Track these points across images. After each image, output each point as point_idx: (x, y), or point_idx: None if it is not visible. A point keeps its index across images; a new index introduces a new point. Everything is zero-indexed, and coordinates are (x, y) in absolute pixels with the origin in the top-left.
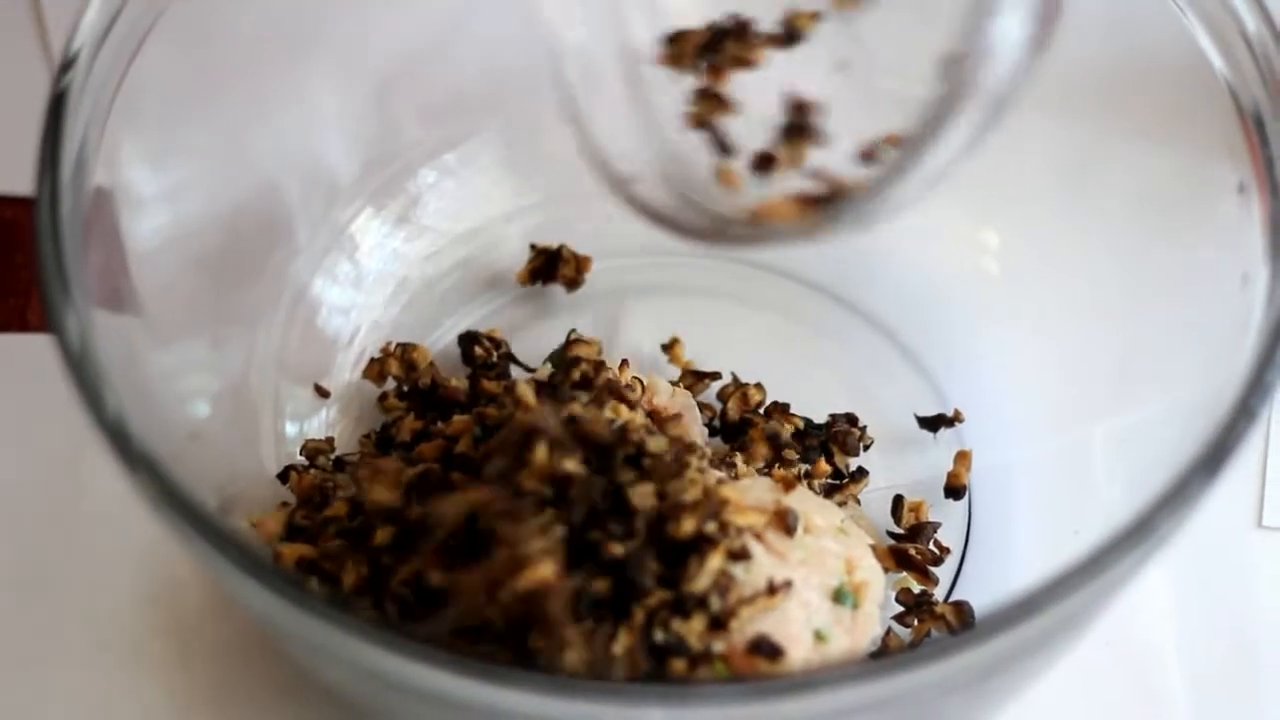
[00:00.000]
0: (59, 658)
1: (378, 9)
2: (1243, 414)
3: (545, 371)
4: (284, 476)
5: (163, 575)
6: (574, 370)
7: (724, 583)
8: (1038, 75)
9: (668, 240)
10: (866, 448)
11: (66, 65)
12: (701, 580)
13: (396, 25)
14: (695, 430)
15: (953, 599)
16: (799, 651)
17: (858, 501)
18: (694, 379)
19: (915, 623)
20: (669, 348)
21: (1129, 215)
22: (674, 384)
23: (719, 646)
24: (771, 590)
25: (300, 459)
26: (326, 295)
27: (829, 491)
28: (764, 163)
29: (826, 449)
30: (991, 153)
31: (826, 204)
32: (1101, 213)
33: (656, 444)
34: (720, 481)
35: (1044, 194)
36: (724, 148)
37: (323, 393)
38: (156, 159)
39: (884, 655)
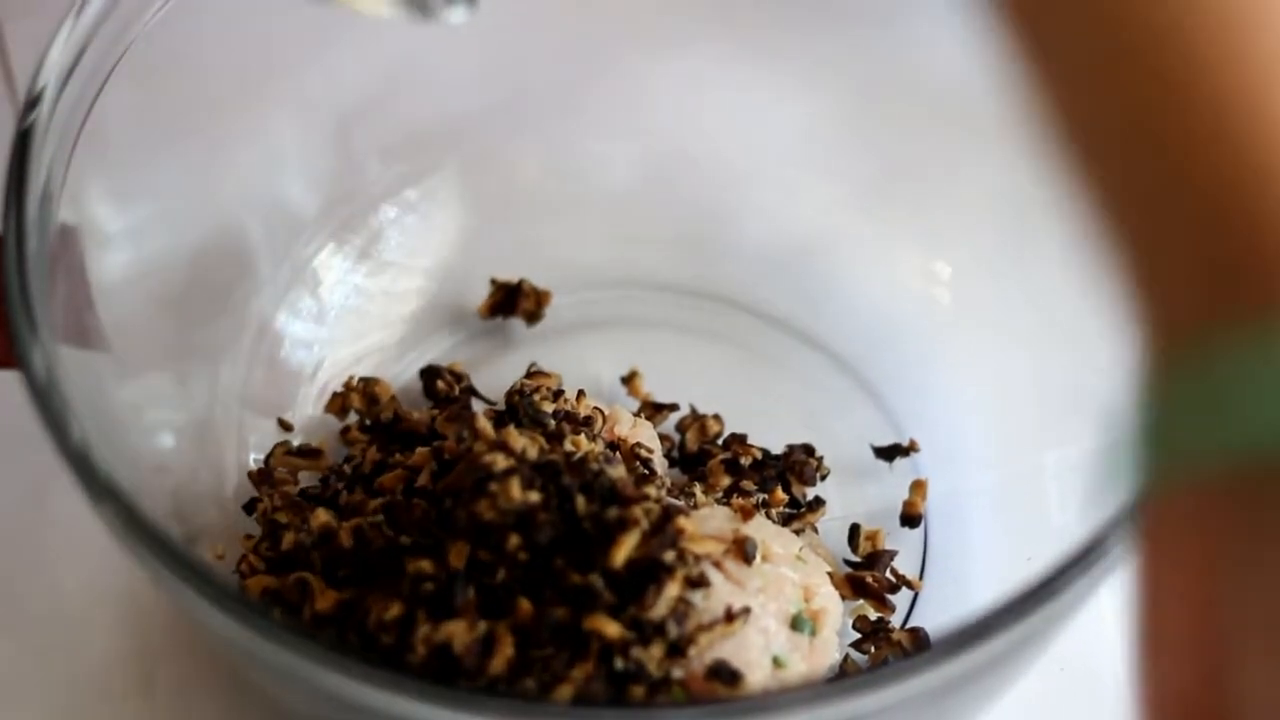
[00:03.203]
0: (24, 689)
1: (337, 49)
2: None
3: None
4: (249, 508)
5: (128, 606)
6: (533, 403)
7: (682, 610)
8: (990, 107)
9: (627, 274)
10: (823, 477)
11: (32, 103)
12: (660, 607)
13: (356, 65)
14: (655, 460)
15: (909, 626)
16: (757, 677)
17: (815, 530)
18: (653, 410)
19: (872, 649)
20: (628, 380)
21: (1078, 245)
22: (634, 415)
23: (678, 672)
24: (730, 617)
25: (265, 489)
26: (289, 330)
27: (787, 520)
28: None
29: (784, 479)
30: (942, 185)
31: None
32: (1051, 243)
33: (615, 473)
34: (679, 510)
35: (994, 225)
36: None
37: (286, 426)
38: (121, 196)
39: (841, 677)
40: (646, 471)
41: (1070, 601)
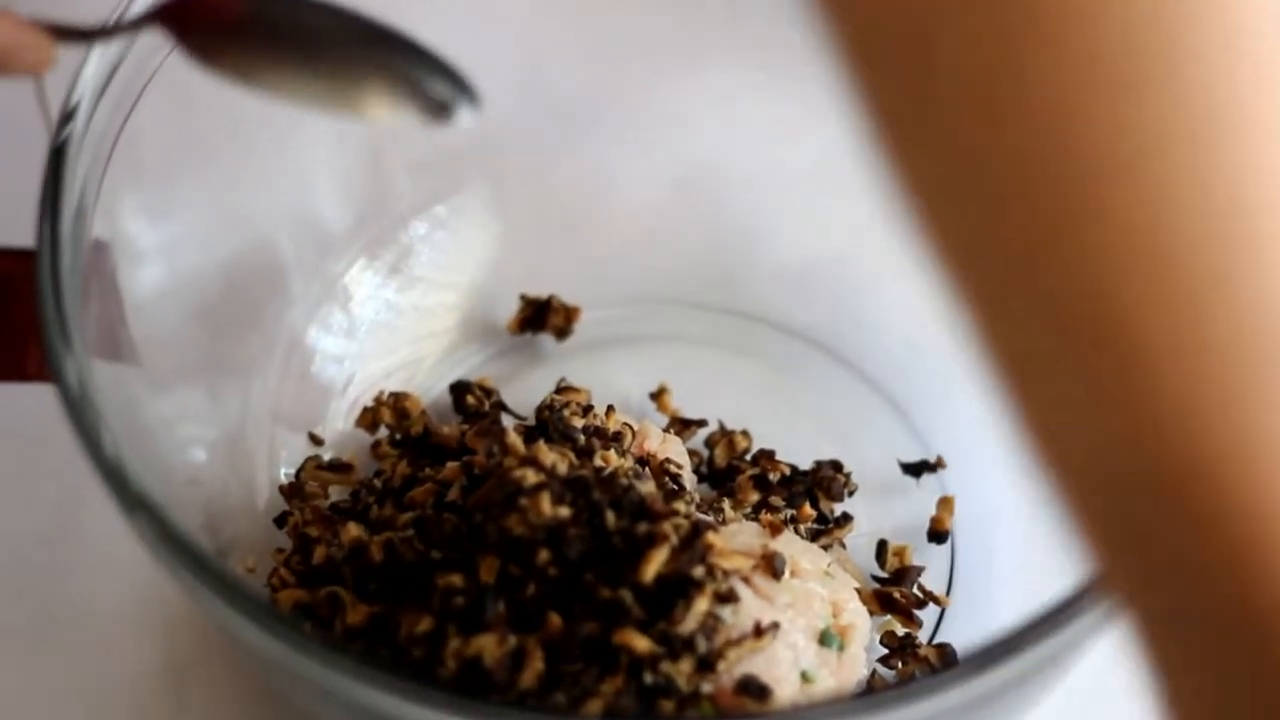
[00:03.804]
0: (56, 701)
1: None
2: None
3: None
4: (280, 521)
5: (159, 619)
6: (563, 418)
7: (711, 625)
8: None
9: (656, 290)
10: (851, 493)
11: (66, 118)
12: (689, 623)
13: None
14: (685, 475)
15: (936, 641)
16: (786, 692)
17: (843, 546)
18: (682, 426)
19: (899, 665)
20: (657, 395)
21: None
22: (663, 430)
23: (707, 687)
24: (758, 632)
25: (296, 503)
26: (320, 345)
27: (815, 536)
28: None
29: (812, 494)
30: None
31: None
32: None
33: (644, 488)
34: (708, 525)
35: None
36: None
37: (317, 440)
38: (154, 211)
39: (869, 693)
40: (676, 487)
41: (1097, 620)
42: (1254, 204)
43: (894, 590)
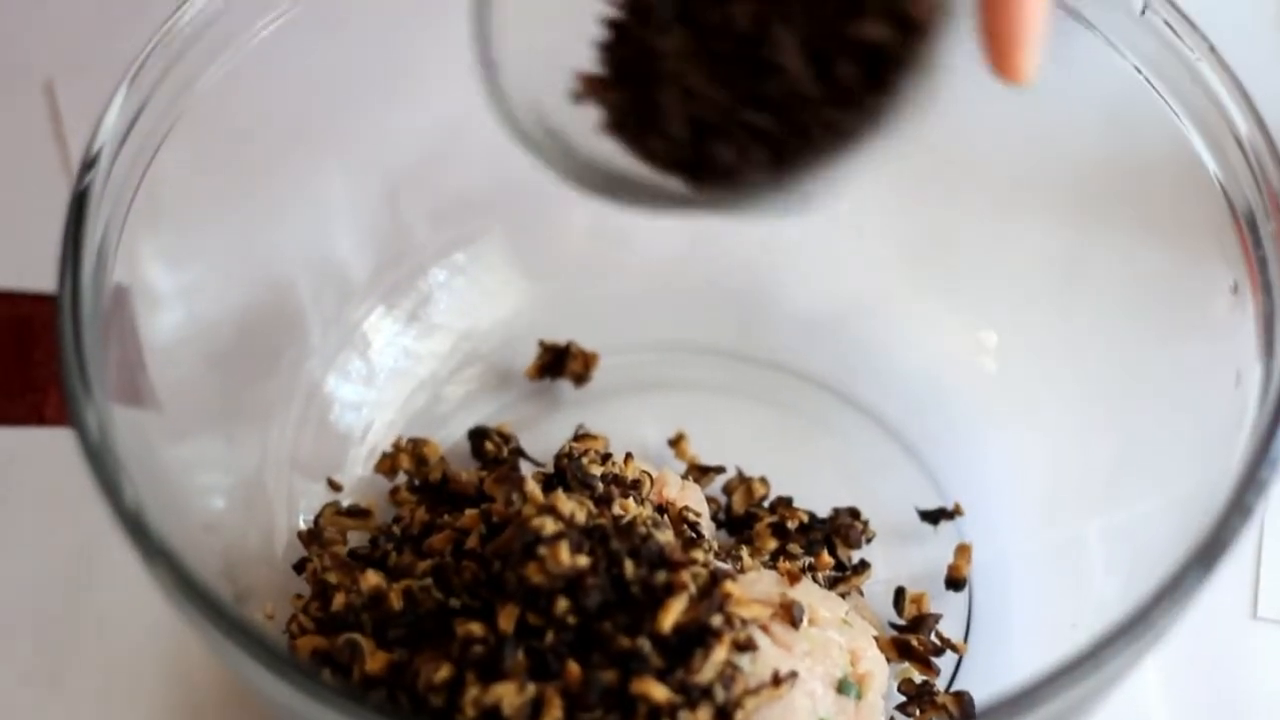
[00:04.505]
0: None
1: (388, 112)
2: (1237, 510)
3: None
4: (299, 568)
5: (179, 667)
6: (581, 466)
7: (730, 674)
8: (1036, 176)
9: (674, 337)
10: (869, 541)
11: (88, 165)
12: (707, 672)
13: (406, 128)
14: (703, 523)
15: (954, 689)
16: None
17: (861, 593)
18: (699, 473)
19: (917, 713)
20: (675, 442)
21: (1124, 314)
22: (681, 477)
23: None
24: (777, 681)
25: (315, 549)
26: (339, 392)
27: (832, 584)
28: None
29: (830, 542)
30: (990, 253)
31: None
32: (1097, 311)
33: (663, 537)
34: (726, 574)
35: (1041, 293)
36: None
37: (335, 487)
38: (174, 257)
39: None
40: (694, 535)
41: (1118, 671)
42: None
43: (912, 638)
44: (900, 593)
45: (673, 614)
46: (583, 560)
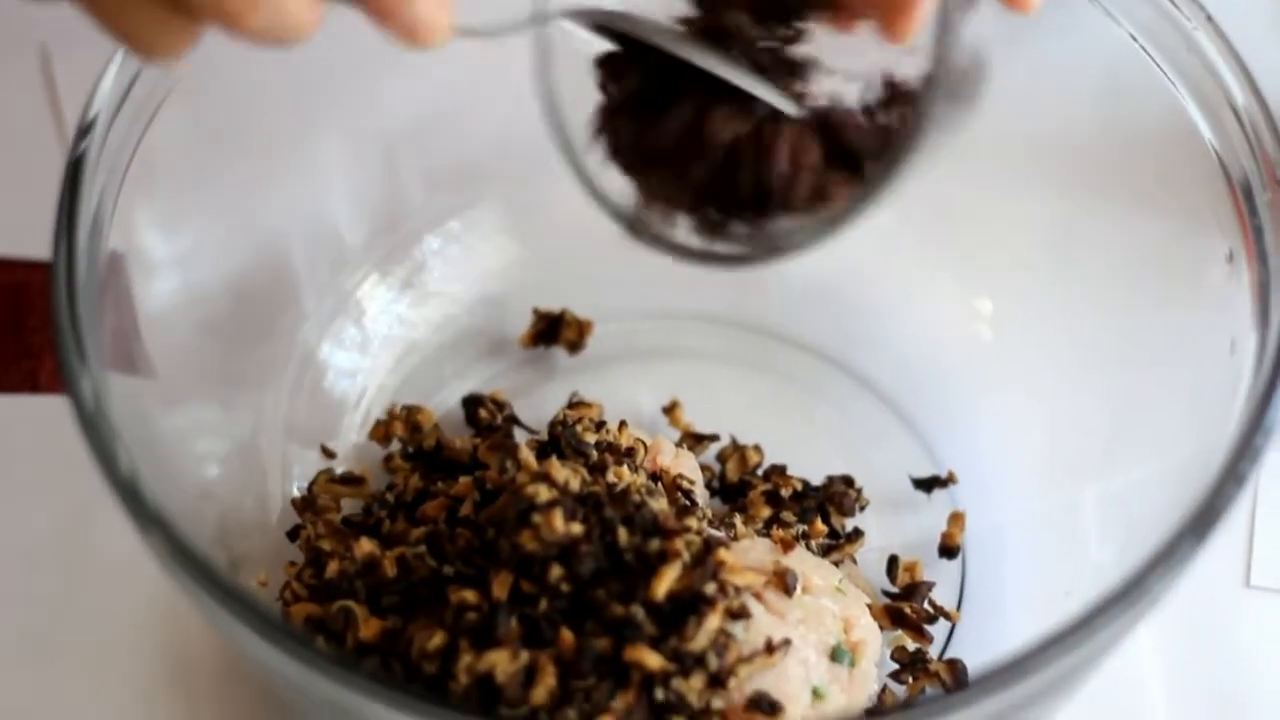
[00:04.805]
0: (70, 713)
1: (384, 80)
2: (1231, 478)
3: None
4: (293, 535)
5: (173, 636)
6: (575, 434)
7: (723, 641)
8: (1033, 145)
9: (668, 305)
10: (862, 509)
11: (83, 132)
12: (700, 639)
13: (402, 95)
14: (697, 491)
15: (947, 657)
16: (797, 709)
17: (854, 561)
18: (694, 441)
19: (910, 680)
20: (669, 410)
21: (1119, 282)
22: (675, 445)
23: (718, 704)
24: (770, 649)
25: (308, 517)
26: (333, 359)
27: (826, 551)
28: None
29: (823, 510)
30: (985, 221)
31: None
32: (1092, 280)
33: (657, 505)
34: (720, 542)
35: (1036, 261)
36: None
37: (329, 454)
38: (169, 224)
39: (879, 712)
40: (688, 503)
41: (1111, 638)
42: None
43: (905, 605)
44: (894, 561)
45: (666, 581)
46: (576, 528)
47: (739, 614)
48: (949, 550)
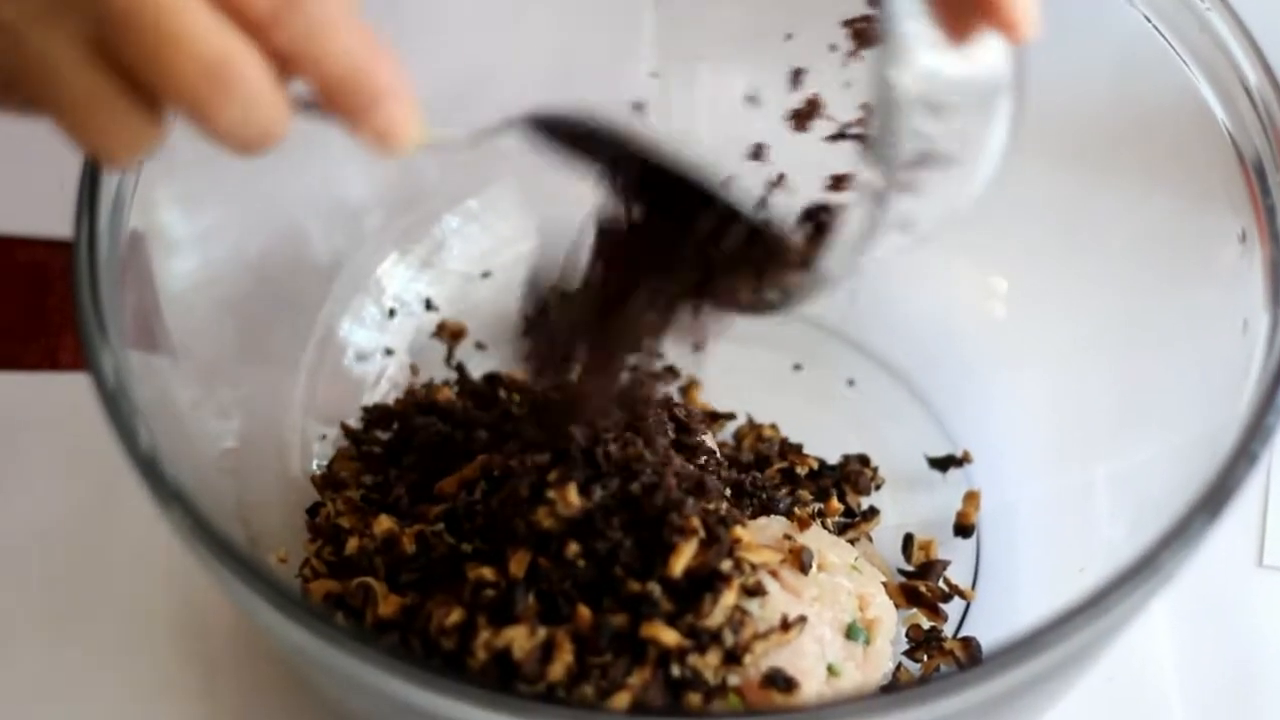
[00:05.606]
0: (89, 689)
1: (402, 57)
2: (1244, 456)
3: None
4: (313, 512)
5: (192, 613)
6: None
7: (739, 618)
8: (1046, 124)
9: None
10: (878, 487)
11: None
12: (716, 616)
13: (419, 73)
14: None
15: (961, 635)
16: (812, 685)
17: (869, 539)
18: (710, 419)
19: (925, 658)
20: (686, 389)
21: (1133, 261)
22: None
23: (734, 680)
24: (786, 626)
25: (328, 494)
26: (353, 337)
27: (842, 530)
28: None
29: (839, 488)
30: (999, 200)
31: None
32: (1106, 259)
33: (676, 479)
34: (736, 520)
35: (1050, 240)
36: None
37: (349, 432)
38: (189, 203)
39: (895, 689)
40: (715, 462)
41: (1124, 615)
42: None
43: (920, 584)
44: (909, 539)
45: (683, 559)
46: (590, 501)
47: (755, 591)
48: (964, 529)
